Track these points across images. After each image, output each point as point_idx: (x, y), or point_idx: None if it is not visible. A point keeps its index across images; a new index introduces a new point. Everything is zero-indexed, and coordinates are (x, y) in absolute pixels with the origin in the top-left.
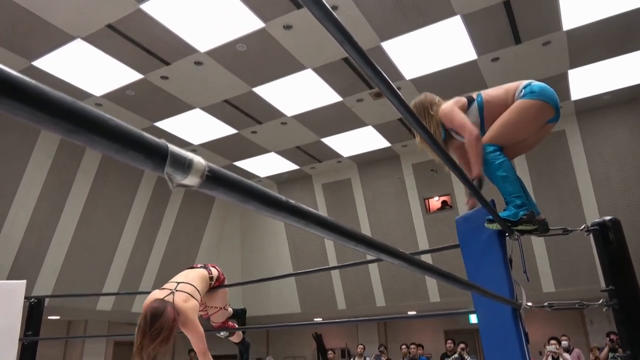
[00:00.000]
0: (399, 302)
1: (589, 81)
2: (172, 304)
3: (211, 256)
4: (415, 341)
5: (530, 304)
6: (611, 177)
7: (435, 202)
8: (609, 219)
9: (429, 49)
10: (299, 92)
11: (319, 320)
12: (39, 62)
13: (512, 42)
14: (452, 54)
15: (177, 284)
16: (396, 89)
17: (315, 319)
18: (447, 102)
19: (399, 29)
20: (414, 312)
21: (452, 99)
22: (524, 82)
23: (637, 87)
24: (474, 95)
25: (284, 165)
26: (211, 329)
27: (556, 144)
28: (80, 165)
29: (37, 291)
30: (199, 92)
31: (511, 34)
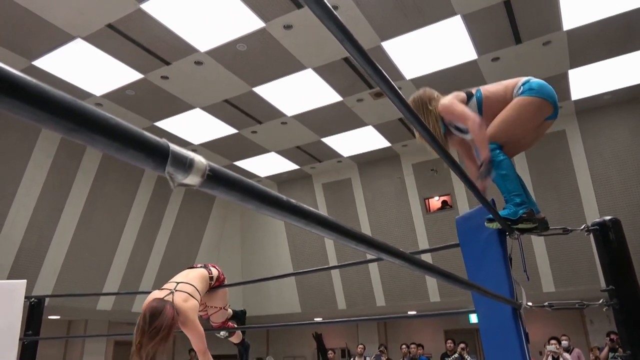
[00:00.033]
0: (399, 301)
1: (589, 81)
2: (171, 303)
3: (211, 256)
4: (415, 341)
5: (530, 304)
6: (611, 177)
7: (435, 202)
8: (609, 218)
9: (430, 49)
10: (299, 92)
11: (319, 320)
12: (39, 62)
13: (513, 42)
14: (453, 54)
15: (177, 283)
16: (396, 88)
17: (315, 319)
18: (446, 97)
19: (399, 29)
20: (414, 311)
21: (451, 94)
22: (523, 78)
23: (637, 87)
24: (473, 90)
25: (284, 165)
26: (211, 329)
27: (556, 143)
28: (80, 165)
29: (37, 291)
30: (199, 91)
31: (511, 33)
